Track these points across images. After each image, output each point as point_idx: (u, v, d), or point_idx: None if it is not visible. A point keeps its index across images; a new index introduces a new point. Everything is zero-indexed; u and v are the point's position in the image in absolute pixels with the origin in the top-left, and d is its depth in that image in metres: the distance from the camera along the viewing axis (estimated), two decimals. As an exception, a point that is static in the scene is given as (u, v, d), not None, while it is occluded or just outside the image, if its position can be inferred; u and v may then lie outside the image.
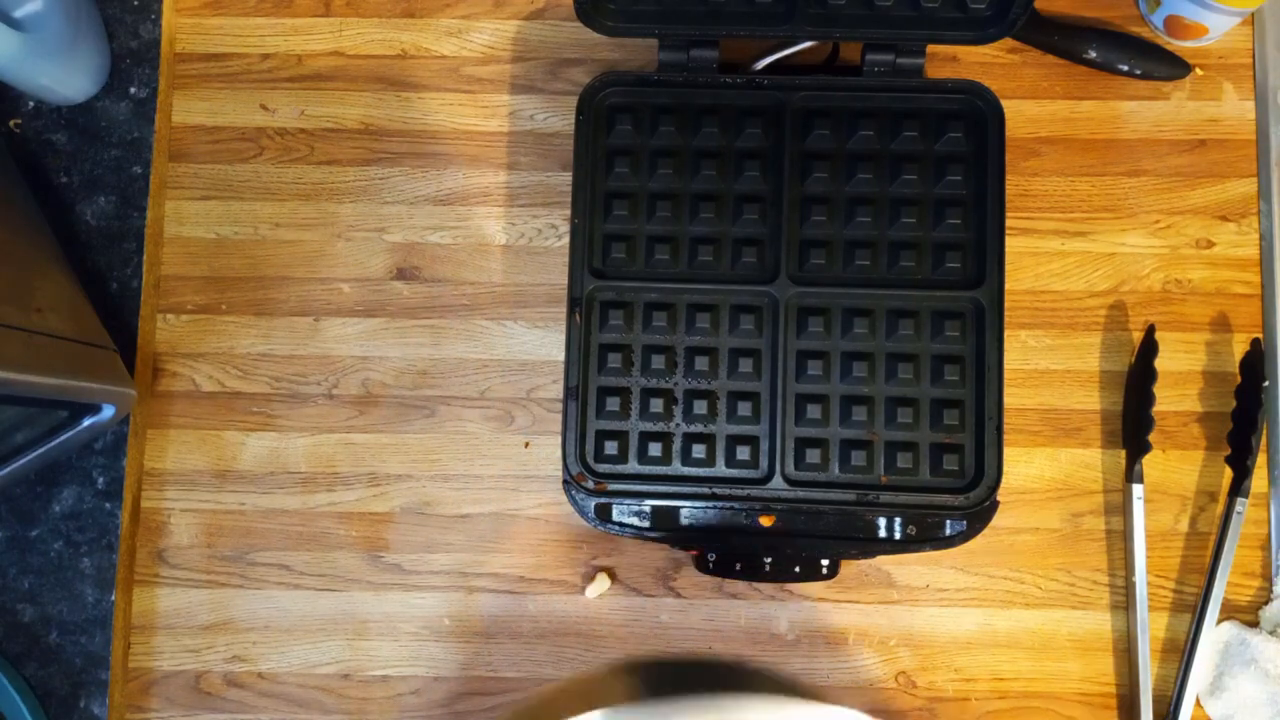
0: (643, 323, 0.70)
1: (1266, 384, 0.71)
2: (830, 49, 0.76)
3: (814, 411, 0.69)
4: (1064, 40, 0.76)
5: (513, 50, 0.79)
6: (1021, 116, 0.76)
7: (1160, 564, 0.73)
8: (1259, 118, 0.76)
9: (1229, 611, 0.72)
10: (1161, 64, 0.76)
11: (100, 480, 0.74)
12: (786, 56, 0.75)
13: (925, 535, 0.68)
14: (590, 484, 0.69)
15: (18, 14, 0.70)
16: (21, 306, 0.65)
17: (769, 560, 0.69)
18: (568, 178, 0.71)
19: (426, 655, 0.74)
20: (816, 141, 0.71)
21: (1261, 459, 0.72)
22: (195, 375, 0.76)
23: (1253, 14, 0.76)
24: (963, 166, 0.70)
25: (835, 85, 0.72)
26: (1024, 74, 0.77)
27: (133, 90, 0.78)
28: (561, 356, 0.70)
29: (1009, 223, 0.70)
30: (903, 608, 0.73)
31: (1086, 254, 0.76)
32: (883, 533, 0.68)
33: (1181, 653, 0.71)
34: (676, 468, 0.70)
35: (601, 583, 0.74)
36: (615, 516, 0.69)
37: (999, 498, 0.68)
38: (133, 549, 0.75)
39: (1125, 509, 0.73)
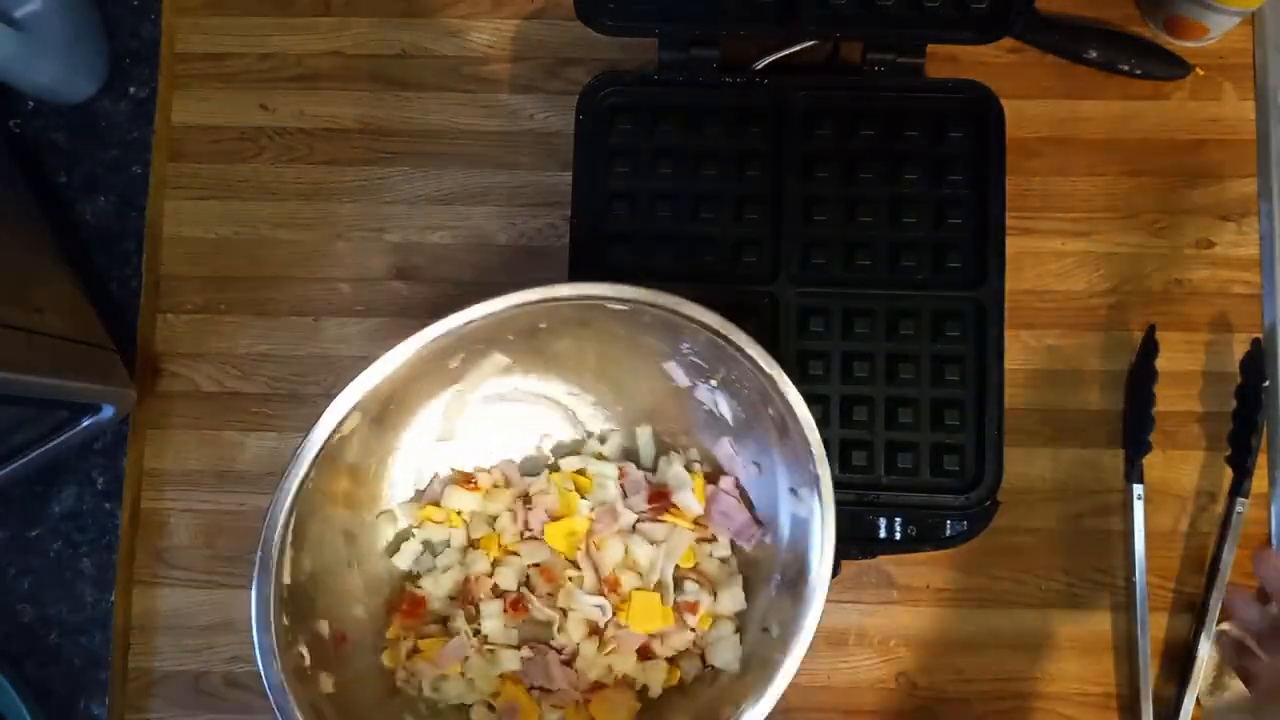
0: (643, 323, 0.70)
1: (1267, 384, 0.71)
2: (831, 48, 0.76)
3: (815, 411, 0.68)
4: (1065, 40, 0.76)
5: (513, 50, 0.79)
6: (1022, 116, 0.76)
7: (1161, 564, 0.72)
8: (1259, 118, 0.76)
9: (1230, 612, 0.72)
10: (1162, 64, 0.76)
11: (100, 480, 0.73)
12: (787, 56, 0.75)
13: (925, 535, 0.68)
14: (591, 484, 0.69)
15: (17, 14, 0.70)
16: (21, 306, 0.65)
17: (769, 560, 0.69)
18: (568, 178, 0.71)
19: (426, 655, 0.74)
20: (817, 141, 0.71)
21: (1262, 459, 0.72)
22: (195, 375, 0.76)
23: (1253, 14, 0.76)
24: (963, 166, 0.70)
25: (836, 85, 0.72)
26: (1025, 74, 0.77)
27: (132, 90, 0.77)
28: (561, 356, 0.70)
29: (1009, 222, 0.70)
30: (903, 608, 0.73)
31: (1087, 254, 0.76)
32: (883, 533, 0.68)
33: (1182, 653, 0.71)
34: (677, 468, 0.70)
35: (602, 583, 0.74)
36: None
37: (999, 498, 0.68)
38: (132, 549, 0.75)
39: (1126, 509, 0.73)
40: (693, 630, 0.65)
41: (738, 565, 0.67)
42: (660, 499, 0.66)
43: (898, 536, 0.68)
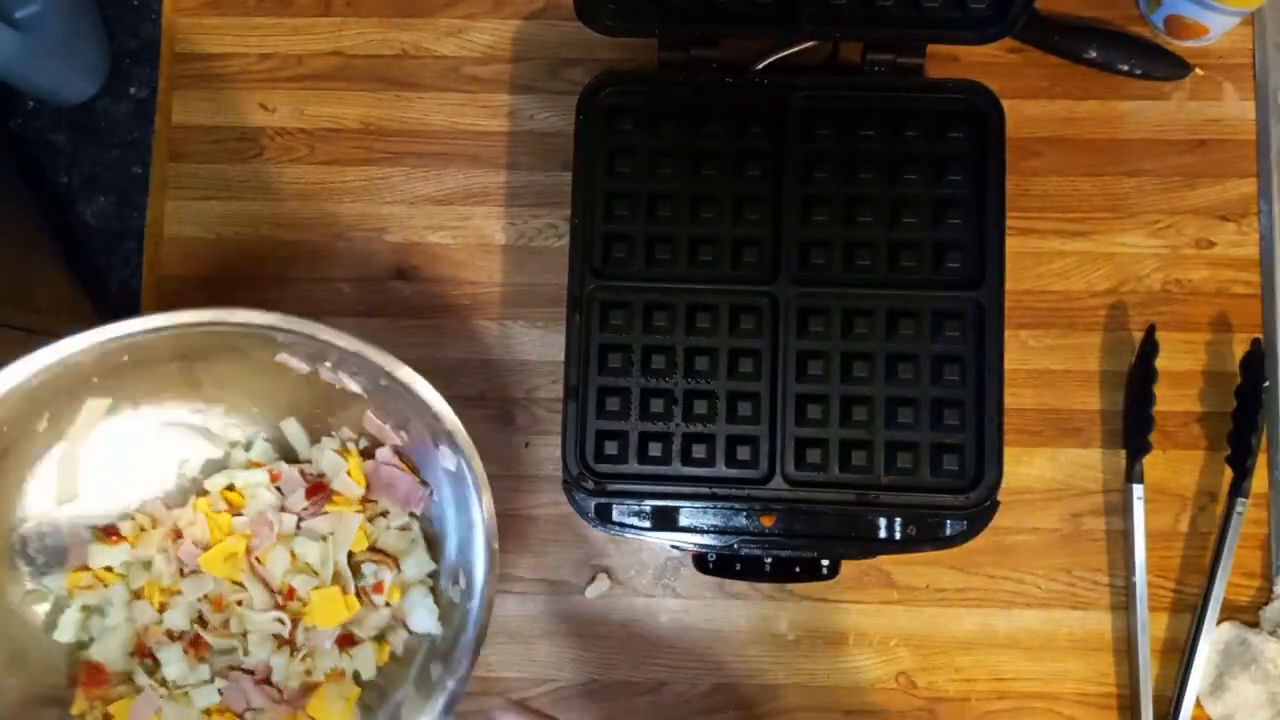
0: (643, 323, 0.70)
1: (1266, 384, 0.71)
2: (831, 48, 0.76)
3: (814, 411, 0.69)
4: (1064, 40, 0.76)
5: (513, 50, 0.79)
6: (1022, 116, 0.76)
7: (1160, 564, 0.73)
8: (1259, 117, 0.76)
9: (1229, 611, 0.72)
10: (1162, 64, 0.76)
11: (100, 480, 0.73)
12: (787, 56, 0.75)
13: (925, 535, 0.68)
14: (590, 484, 0.69)
15: (18, 14, 0.70)
16: (21, 306, 0.65)
17: (769, 560, 0.69)
18: (568, 178, 0.71)
19: (426, 655, 0.74)
20: (817, 141, 0.71)
21: (1262, 459, 0.72)
22: (195, 375, 0.76)
23: (1253, 14, 0.76)
24: (963, 166, 0.70)
25: (835, 85, 0.72)
26: (1024, 74, 0.77)
27: (133, 90, 0.78)
28: (561, 356, 0.70)
29: (1009, 223, 0.70)
30: (903, 608, 0.73)
31: (1086, 254, 0.76)
32: (883, 533, 0.68)
33: (1182, 653, 0.71)
34: (676, 468, 0.70)
35: (601, 583, 0.74)
36: (615, 517, 0.69)
37: (999, 498, 0.68)
38: (133, 549, 0.75)
39: (1125, 509, 0.73)
40: (387, 606, 0.65)
41: (419, 528, 0.67)
42: (320, 490, 0.66)
43: (898, 536, 0.68)
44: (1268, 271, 0.75)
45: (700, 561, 0.70)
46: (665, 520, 0.69)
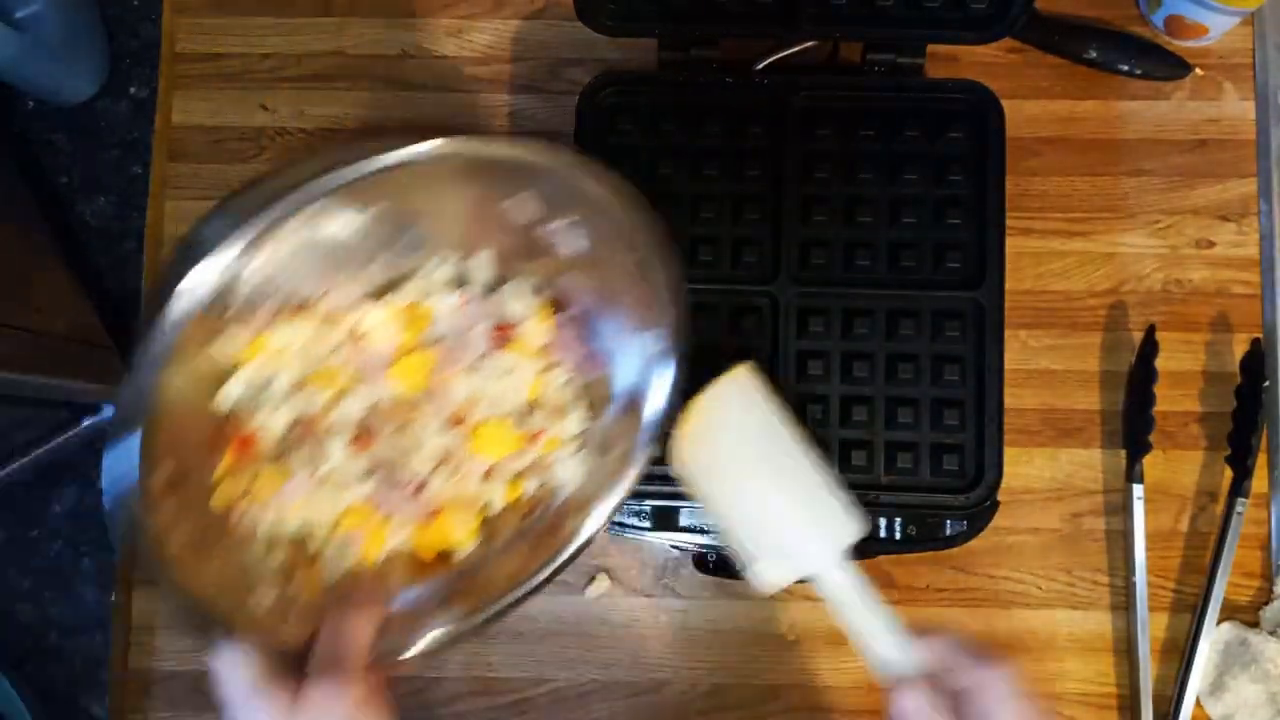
0: (643, 323, 0.70)
1: (1267, 384, 0.71)
2: (831, 48, 0.76)
3: (814, 411, 0.69)
4: (1064, 40, 0.76)
5: (513, 50, 0.79)
6: (1022, 116, 0.76)
7: (1160, 564, 0.72)
8: (1259, 117, 0.76)
9: (1229, 611, 0.72)
10: (1162, 64, 0.76)
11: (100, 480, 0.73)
12: (787, 56, 0.75)
13: (925, 535, 0.68)
14: (590, 484, 0.69)
15: (18, 14, 0.70)
16: (21, 306, 0.65)
17: (769, 560, 0.69)
18: (568, 178, 0.71)
19: (426, 655, 0.74)
20: (817, 141, 0.71)
21: (1262, 459, 0.72)
22: (195, 375, 0.76)
23: (1253, 14, 0.76)
24: (963, 166, 0.70)
25: (835, 85, 0.72)
26: (1024, 74, 0.77)
27: (133, 90, 0.78)
28: (561, 356, 0.70)
29: (1009, 223, 0.70)
30: (903, 608, 0.73)
31: (1086, 254, 0.76)
32: (883, 533, 0.68)
33: (1181, 653, 0.71)
34: (677, 468, 0.70)
35: (601, 583, 0.74)
36: (615, 516, 0.69)
37: (999, 498, 0.68)
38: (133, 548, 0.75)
39: (1125, 509, 0.73)
40: (541, 453, 0.66)
41: (580, 388, 0.67)
42: (505, 329, 0.66)
43: (898, 536, 0.68)
44: (1268, 271, 0.75)
45: (700, 561, 0.70)
46: (665, 520, 0.69)
